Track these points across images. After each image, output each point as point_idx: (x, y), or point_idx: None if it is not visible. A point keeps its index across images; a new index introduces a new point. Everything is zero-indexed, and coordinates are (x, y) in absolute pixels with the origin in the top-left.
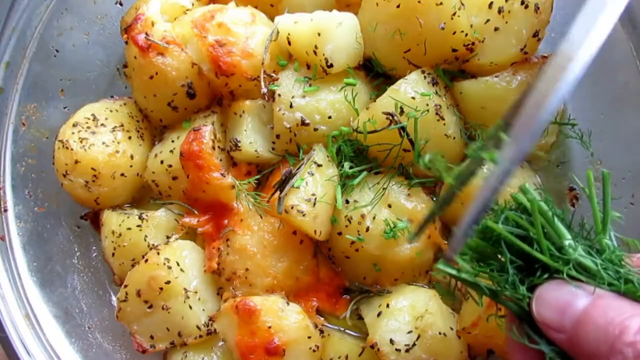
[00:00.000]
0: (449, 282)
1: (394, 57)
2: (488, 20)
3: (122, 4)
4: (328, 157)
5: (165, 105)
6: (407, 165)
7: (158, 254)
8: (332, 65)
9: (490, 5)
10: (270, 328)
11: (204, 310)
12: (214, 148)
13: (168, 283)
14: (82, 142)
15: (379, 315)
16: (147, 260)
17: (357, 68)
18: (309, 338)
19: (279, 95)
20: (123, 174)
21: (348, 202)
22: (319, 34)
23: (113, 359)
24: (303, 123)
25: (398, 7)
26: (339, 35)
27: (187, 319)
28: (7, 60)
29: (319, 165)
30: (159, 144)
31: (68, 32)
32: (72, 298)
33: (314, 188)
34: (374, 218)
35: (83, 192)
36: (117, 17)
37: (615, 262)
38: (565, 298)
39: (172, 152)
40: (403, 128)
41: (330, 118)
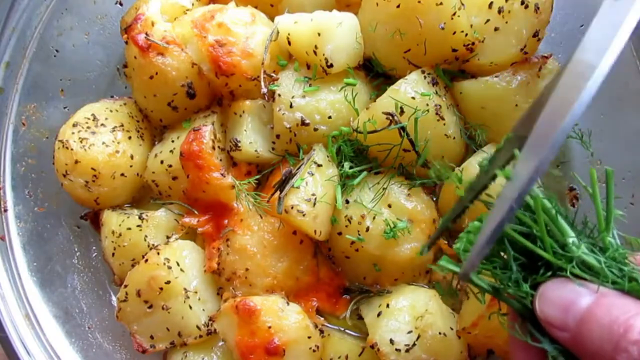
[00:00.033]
0: (450, 281)
1: (394, 57)
2: (488, 20)
3: (122, 4)
4: (328, 157)
5: (165, 105)
6: (407, 165)
7: (158, 254)
8: (332, 65)
9: (490, 5)
10: (270, 328)
11: (204, 310)
12: (214, 148)
13: (168, 283)
14: (82, 142)
15: (379, 315)
16: (147, 260)
17: (357, 68)
18: (309, 338)
19: (279, 95)
20: (123, 174)
21: (348, 202)
22: (319, 34)
23: (113, 359)
24: (303, 123)
25: (398, 7)
26: (339, 35)
27: (187, 319)
28: (7, 60)
29: (319, 165)
30: (159, 144)
31: (68, 32)
32: (72, 298)
33: (314, 188)
34: (374, 218)
35: (83, 192)
36: (117, 17)
37: (619, 260)
38: (569, 296)
39: (172, 152)
40: (403, 128)
41: (330, 118)
